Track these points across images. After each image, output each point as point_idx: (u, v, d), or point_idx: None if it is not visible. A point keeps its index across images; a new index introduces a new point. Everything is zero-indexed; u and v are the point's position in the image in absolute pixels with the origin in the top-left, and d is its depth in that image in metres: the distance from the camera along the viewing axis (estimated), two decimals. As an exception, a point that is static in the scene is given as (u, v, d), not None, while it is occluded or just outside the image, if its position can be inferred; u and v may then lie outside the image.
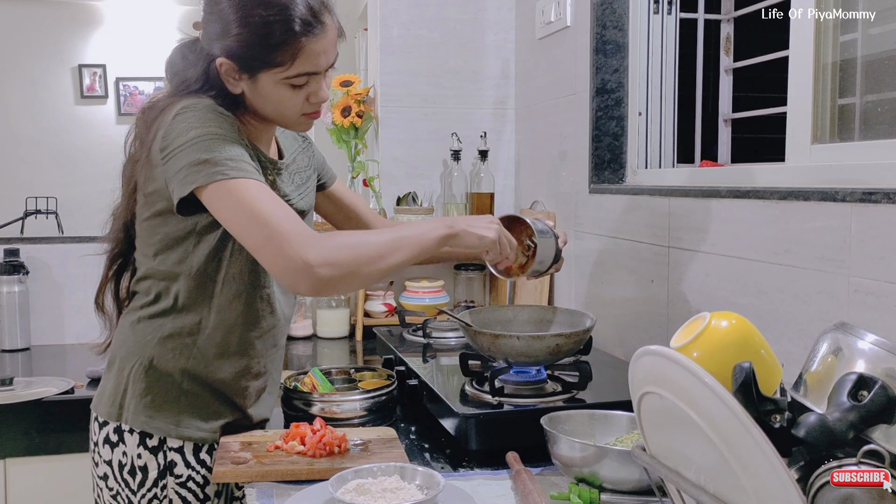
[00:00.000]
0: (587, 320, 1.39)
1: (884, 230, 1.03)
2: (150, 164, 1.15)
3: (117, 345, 1.26)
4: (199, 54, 1.18)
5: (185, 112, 1.11)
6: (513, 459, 1.14)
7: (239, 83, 1.17)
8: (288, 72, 1.14)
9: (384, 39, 2.33)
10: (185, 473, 1.22)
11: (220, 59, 1.14)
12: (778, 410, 0.75)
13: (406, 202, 2.30)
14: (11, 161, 4.93)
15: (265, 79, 1.15)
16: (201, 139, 1.08)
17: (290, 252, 1.02)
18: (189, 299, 1.21)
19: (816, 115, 1.30)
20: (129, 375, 1.21)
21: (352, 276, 1.06)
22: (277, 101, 1.17)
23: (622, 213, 1.72)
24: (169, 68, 1.22)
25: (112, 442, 1.22)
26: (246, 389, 1.27)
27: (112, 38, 5.04)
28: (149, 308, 1.23)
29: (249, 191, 1.06)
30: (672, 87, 1.84)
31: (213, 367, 1.23)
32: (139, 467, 1.20)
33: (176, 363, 1.21)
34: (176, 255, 1.20)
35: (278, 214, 1.05)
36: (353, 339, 2.27)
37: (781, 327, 1.22)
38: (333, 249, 1.04)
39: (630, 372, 0.82)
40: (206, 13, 1.16)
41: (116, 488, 1.22)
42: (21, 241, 2.25)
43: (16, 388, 1.77)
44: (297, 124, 1.24)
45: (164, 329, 1.21)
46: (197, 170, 1.07)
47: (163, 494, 1.21)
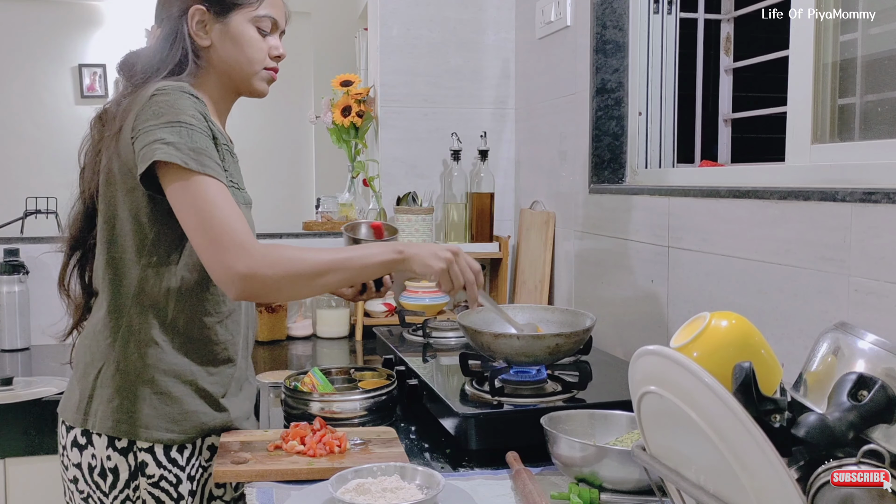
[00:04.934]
0: (587, 320, 1.39)
1: (884, 230, 1.03)
2: (120, 146, 1.17)
3: (82, 349, 1.25)
4: (157, 44, 1.25)
5: (159, 94, 1.14)
6: (513, 459, 1.14)
7: (209, 34, 1.25)
8: (258, 11, 1.26)
9: (384, 39, 2.33)
10: (157, 473, 1.20)
11: (193, 7, 1.23)
12: (778, 410, 0.75)
13: (406, 202, 2.30)
14: (11, 161, 4.94)
15: (236, 19, 1.25)
16: (172, 125, 1.12)
17: (225, 260, 1.09)
18: (151, 289, 1.20)
19: (816, 115, 1.30)
20: (94, 380, 1.21)
21: (280, 291, 1.13)
22: (248, 42, 1.26)
23: (622, 213, 1.72)
24: (123, 67, 1.26)
25: (80, 445, 1.21)
26: (214, 378, 1.25)
27: (112, 38, 5.04)
28: (109, 305, 1.22)
29: (207, 191, 1.11)
30: (672, 87, 1.84)
31: (178, 361, 1.22)
32: (109, 469, 1.19)
33: (141, 361, 1.20)
34: (136, 242, 1.20)
35: (226, 220, 1.10)
36: (353, 338, 2.27)
37: (781, 327, 1.22)
38: (266, 264, 1.10)
39: (630, 372, 0.82)
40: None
41: (87, 491, 1.21)
42: (21, 241, 2.25)
43: (16, 388, 1.77)
44: (259, 80, 1.30)
45: (126, 327, 1.20)
46: (163, 148, 1.10)
47: (135, 495, 1.20)
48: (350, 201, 2.46)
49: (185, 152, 1.10)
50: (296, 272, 1.13)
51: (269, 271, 1.10)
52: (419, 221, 2.24)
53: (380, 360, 1.79)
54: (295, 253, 1.14)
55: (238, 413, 1.30)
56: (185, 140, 1.11)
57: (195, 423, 1.23)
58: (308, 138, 4.48)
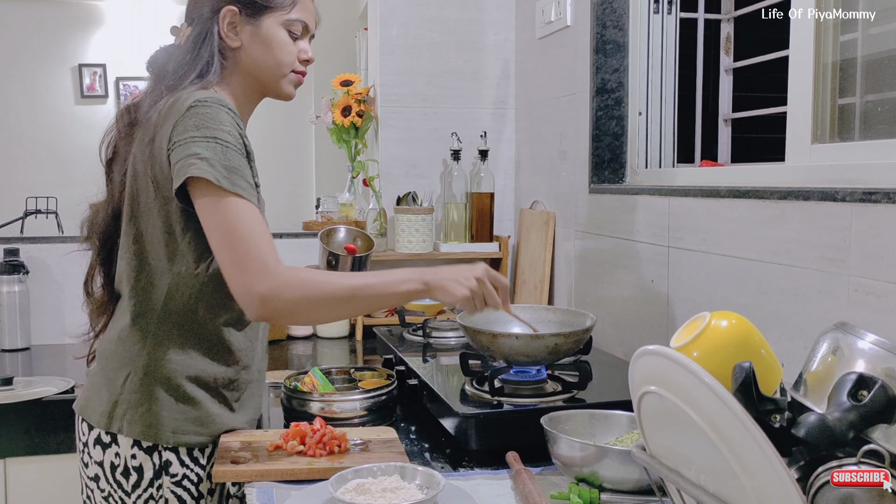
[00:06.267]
0: (587, 320, 1.39)
1: (884, 230, 1.03)
2: (154, 154, 1.17)
3: (108, 353, 1.25)
4: (187, 44, 1.25)
5: (198, 106, 1.14)
6: (513, 459, 1.14)
7: (239, 36, 1.25)
8: (290, 15, 1.26)
9: (384, 39, 2.33)
10: (180, 472, 1.21)
11: (226, 8, 1.24)
12: (778, 410, 0.75)
13: (406, 202, 2.30)
14: (11, 161, 4.93)
15: (268, 22, 1.25)
16: (208, 140, 1.12)
17: (247, 280, 1.10)
18: (180, 297, 1.21)
19: (816, 115, 1.30)
20: (122, 385, 1.21)
21: (298, 315, 1.18)
22: (278, 45, 1.26)
23: (622, 213, 1.72)
24: (153, 65, 1.27)
25: (104, 443, 1.21)
26: (233, 384, 1.27)
27: (112, 38, 5.04)
28: (137, 310, 1.22)
29: (237, 211, 1.12)
30: (672, 87, 1.84)
31: (202, 366, 1.23)
32: (134, 468, 1.20)
33: (168, 367, 1.20)
34: (168, 251, 1.20)
35: (252, 241, 1.11)
36: (353, 338, 2.27)
37: (781, 327, 1.22)
38: (286, 287, 1.11)
39: (630, 371, 0.82)
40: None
41: (108, 490, 1.21)
42: (21, 240, 2.25)
43: (16, 387, 1.77)
44: (287, 83, 1.30)
45: (154, 333, 1.21)
46: (197, 164, 1.11)
47: (158, 494, 1.21)
48: (350, 201, 2.46)
49: (219, 169, 1.11)
50: (315, 297, 1.13)
51: (289, 294, 1.10)
52: (419, 221, 2.24)
53: (380, 360, 1.79)
54: (318, 277, 1.15)
55: (253, 416, 1.33)
56: (219, 157, 1.12)
57: (217, 426, 1.24)
58: (308, 138, 4.48)
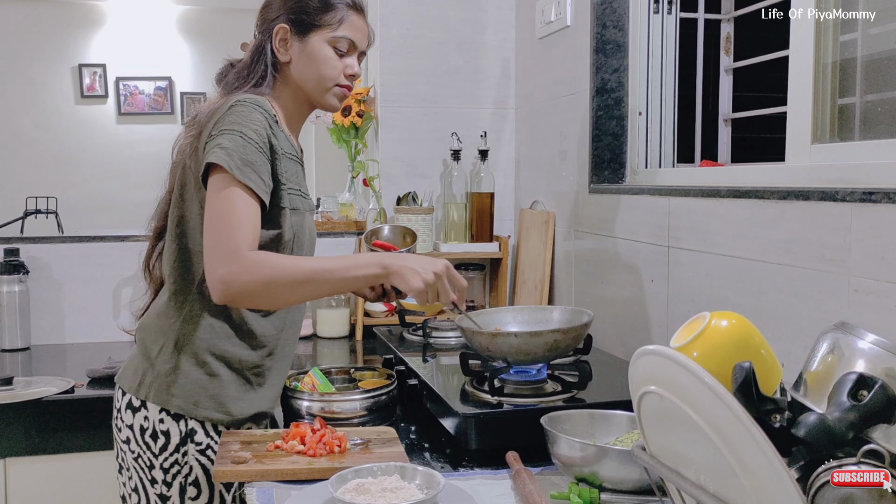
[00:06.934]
0: (584, 316, 1.39)
1: (884, 230, 1.03)
2: (198, 148, 1.26)
3: (147, 327, 1.33)
4: (247, 58, 1.36)
5: (237, 105, 1.24)
6: (513, 459, 1.14)
7: (288, 51, 1.34)
8: (336, 32, 1.33)
9: (384, 39, 2.33)
10: (204, 441, 1.28)
11: (279, 25, 1.33)
12: (778, 410, 0.75)
13: (406, 202, 2.30)
14: (11, 161, 4.94)
15: (314, 38, 1.33)
16: (233, 132, 1.20)
17: (212, 262, 1.17)
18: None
19: (816, 115, 1.30)
20: (156, 356, 1.28)
21: (257, 297, 1.18)
22: (323, 60, 1.33)
23: (622, 213, 1.72)
24: (219, 77, 1.39)
25: (134, 407, 1.29)
26: (260, 368, 1.33)
27: (112, 38, 5.05)
28: (175, 290, 1.30)
29: (236, 198, 1.18)
30: (672, 87, 1.84)
31: (228, 346, 1.29)
32: (161, 431, 1.27)
33: (198, 342, 1.28)
34: (202, 237, 1.25)
35: (233, 226, 1.16)
36: (353, 338, 2.27)
37: (781, 327, 1.22)
38: (245, 270, 1.15)
39: (630, 371, 0.82)
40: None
41: (138, 451, 1.28)
42: (21, 240, 2.25)
43: (16, 387, 1.77)
44: (331, 95, 1.37)
45: (189, 310, 1.28)
46: (217, 152, 1.19)
47: (184, 460, 1.27)
48: (350, 201, 2.47)
49: (235, 160, 1.18)
50: (273, 280, 1.17)
51: (246, 277, 1.15)
52: (419, 221, 2.24)
53: (380, 360, 1.79)
54: (278, 261, 1.19)
55: (272, 404, 1.38)
56: (238, 149, 1.19)
57: (237, 408, 1.30)
58: (308, 138, 4.48)
